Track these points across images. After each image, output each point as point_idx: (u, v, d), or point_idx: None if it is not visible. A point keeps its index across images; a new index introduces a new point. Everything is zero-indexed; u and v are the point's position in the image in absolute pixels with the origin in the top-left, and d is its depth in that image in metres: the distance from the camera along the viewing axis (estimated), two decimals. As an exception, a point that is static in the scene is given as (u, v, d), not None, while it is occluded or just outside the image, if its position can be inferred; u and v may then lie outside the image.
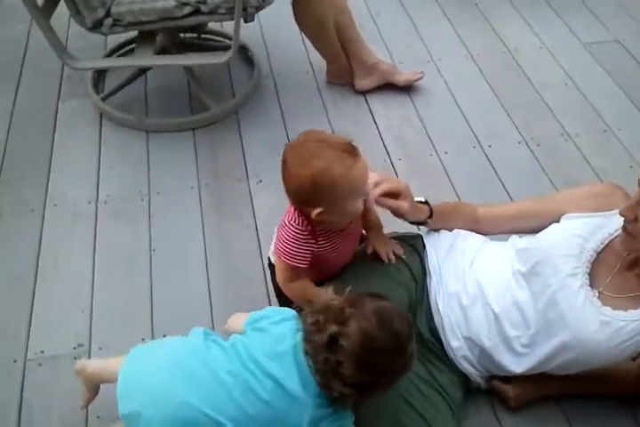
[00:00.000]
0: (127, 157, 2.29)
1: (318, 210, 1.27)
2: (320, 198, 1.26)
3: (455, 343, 1.50)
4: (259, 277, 1.93)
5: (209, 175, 2.24)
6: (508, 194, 2.20)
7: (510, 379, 1.57)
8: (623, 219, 1.34)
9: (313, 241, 1.34)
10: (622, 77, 2.68)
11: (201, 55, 2.29)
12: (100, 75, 2.53)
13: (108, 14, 2.07)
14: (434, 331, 1.51)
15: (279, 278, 1.42)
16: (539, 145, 2.41)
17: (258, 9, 2.10)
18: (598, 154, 2.38)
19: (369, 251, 1.48)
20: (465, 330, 1.48)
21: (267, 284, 1.90)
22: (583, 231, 1.45)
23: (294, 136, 1.36)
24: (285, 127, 2.42)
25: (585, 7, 3.02)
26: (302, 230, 1.33)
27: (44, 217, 2.09)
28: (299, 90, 2.57)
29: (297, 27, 2.61)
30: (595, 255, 1.43)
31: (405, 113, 2.52)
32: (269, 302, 1.86)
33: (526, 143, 2.41)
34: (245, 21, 2.11)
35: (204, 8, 2.06)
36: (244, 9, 2.04)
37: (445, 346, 1.51)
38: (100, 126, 2.40)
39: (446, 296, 1.51)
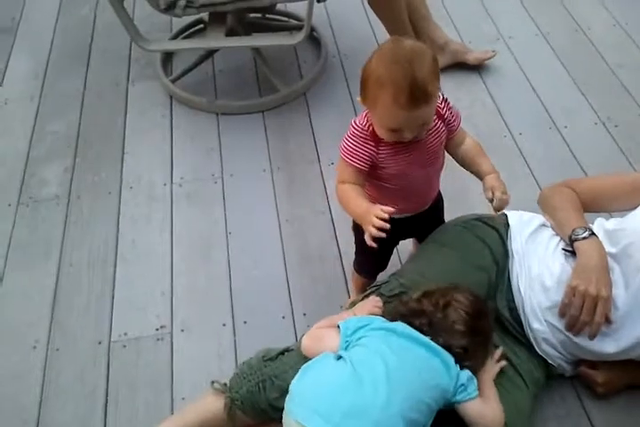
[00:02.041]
0: (198, 140, 2.28)
1: (365, 107, 1.27)
2: (364, 95, 1.25)
3: (536, 325, 1.45)
4: (335, 261, 1.92)
5: (280, 158, 2.22)
6: (586, 176, 2.12)
7: (598, 364, 1.52)
8: None
9: (372, 143, 1.31)
10: None
11: (272, 36, 2.26)
12: (168, 57, 2.52)
13: None
14: (513, 311, 1.47)
15: (337, 179, 1.38)
16: (616, 126, 2.32)
17: None
18: None
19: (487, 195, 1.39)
20: (548, 312, 1.43)
21: (343, 268, 1.89)
22: None
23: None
24: (354, 109, 2.37)
25: (662, -19, 2.89)
26: (364, 130, 1.30)
27: (120, 199, 2.10)
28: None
29: (362, 5, 2.57)
30: None
31: (476, 92, 2.45)
32: (346, 287, 1.85)
33: (603, 124, 2.32)
34: (318, 1, 2.07)
35: None
36: None
37: (525, 328, 1.47)
38: (171, 108, 2.39)
39: (528, 279, 1.46)
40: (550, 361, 1.51)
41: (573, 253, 1.44)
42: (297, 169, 2.19)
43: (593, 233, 1.44)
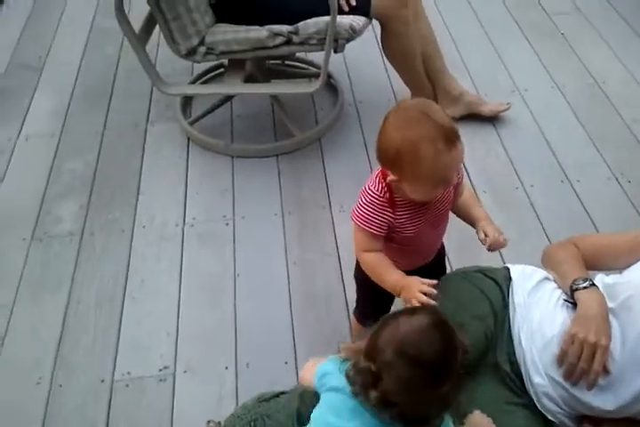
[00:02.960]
0: (213, 181, 2.32)
1: (393, 177, 1.24)
2: (398, 167, 1.21)
3: (537, 379, 1.41)
4: (341, 306, 1.92)
5: (292, 203, 2.25)
6: (597, 231, 2.12)
7: (602, 422, 1.43)
8: None
9: (390, 210, 1.29)
10: None
11: (289, 84, 2.32)
12: (187, 99, 2.59)
13: (201, 43, 2.12)
14: (514, 365, 1.43)
15: (355, 247, 1.36)
16: (629, 182, 2.32)
17: (348, 40, 2.11)
18: None
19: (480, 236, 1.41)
20: (549, 366, 1.39)
21: (348, 313, 1.89)
22: None
23: (376, 166, 1.33)
24: (368, 156, 2.41)
25: (676, 39, 2.94)
26: (380, 196, 1.29)
27: (132, 238, 2.13)
28: (381, 118, 2.50)
29: (379, 54, 2.63)
30: None
31: (490, 144, 2.48)
32: (350, 330, 1.84)
33: (616, 179, 2.33)
34: (335, 52, 2.13)
35: (295, 38, 2.08)
36: (335, 40, 2.06)
37: (526, 382, 1.43)
38: (188, 150, 2.44)
39: (530, 331, 1.43)
40: (551, 417, 1.45)
41: (575, 304, 1.43)
42: (308, 214, 2.21)
43: (593, 284, 1.43)
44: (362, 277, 1.48)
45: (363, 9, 2.11)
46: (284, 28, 2.08)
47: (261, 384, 1.61)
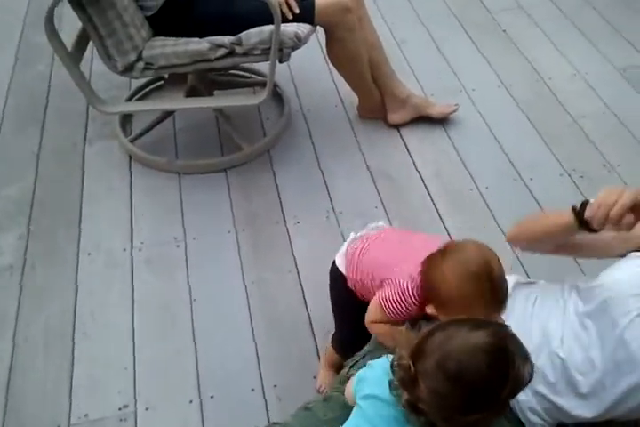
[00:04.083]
0: (159, 201, 2.22)
1: (433, 311, 1.26)
2: (444, 307, 1.24)
3: (522, 397, 1.40)
4: (304, 325, 1.86)
5: (245, 219, 2.16)
6: None
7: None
8: None
9: (418, 311, 1.32)
10: None
11: (234, 96, 2.23)
12: (126, 116, 2.47)
13: (139, 58, 2.01)
14: None
15: (368, 315, 1.38)
16: (582, 177, 2.32)
17: (294, 49, 2.05)
18: None
19: None
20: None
21: (313, 332, 1.84)
22: None
23: (329, 174, 1.28)
24: (319, 165, 2.35)
25: (616, 32, 2.96)
26: (415, 301, 1.31)
27: (77, 268, 2.01)
28: (330, 125, 2.50)
29: (324, 61, 2.57)
30: None
31: (441, 146, 2.45)
32: (317, 353, 1.79)
33: (569, 175, 2.33)
34: (280, 62, 2.06)
35: (238, 49, 2.00)
36: (280, 49, 1.99)
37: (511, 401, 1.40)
38: (130, 169, 2.33)
39: None
40: None
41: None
42: (262, 229, 2.13)
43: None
44: (342, 301, 1.49)
45: (307, 16, 2.05)
46: (226, 39, 2.00)
47: (229, 415, 1.55)
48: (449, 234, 2.11)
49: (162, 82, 2.47)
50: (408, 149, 2.43)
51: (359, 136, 2.46)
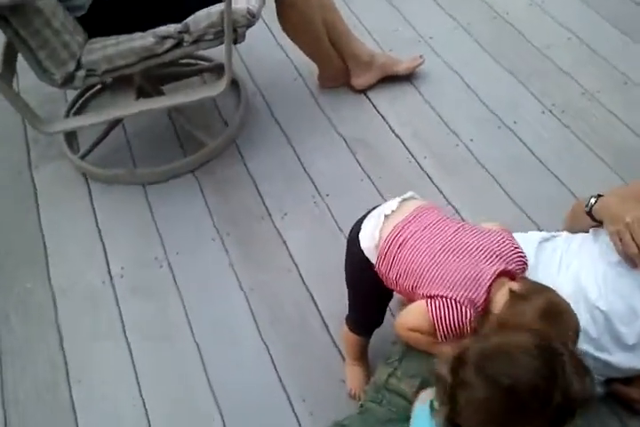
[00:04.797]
0: (128, 219, 2.00)
1: None
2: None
3: None
4: (317, 323, 1.72)
5: (226, 221, 1.97)
6: (550, 172, 2.01)
7: (631, 380, 1.42)
8: None
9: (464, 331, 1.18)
10: (622, 21, 2.46)
11: (189, 91, 1.98)
12: (71, 131, 2.21)
13: (79, 66, 1.78)
14: None
15: (405, 320, 1.24)
16: (563, 111, 2.20)
17: (248, 27, 1.83)
18: (627, 108, 2.19)
19: None
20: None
21: (329, 331, 1.69)
22: None
23: (305, 156, 1.10)
24: (292, 146, 2.16)
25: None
26: (471, 323, 1.17)
27: (56, 310, 1.81)
28: (293, 102, 2.30)
29: (271, 34, 2.36)
30: None
31: (414, 104, 2.27)
32: (339, 352, 1.65)
33: (550, 112, 2.20)
34: (235, 43, 1.84)
35: (187, 38, 1.78)
36: (234, 30, 1.77)
37: None
38: (88, 189, 2.10)
39: None
40: None
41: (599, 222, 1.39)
42: (248, 229, 1.94)
43: (600, 195, 1.42)
44: (362, 286, 1.38)
45: None
46: (172, 28, 1.77)
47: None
48: (449, 202, 1.97)
49: (99, 86, 2.24)
50: (380, 113, 2.25)
51: (326, 108, 2.27)
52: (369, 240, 1.30)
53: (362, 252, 1.31)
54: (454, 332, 1.17)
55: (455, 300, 1.15)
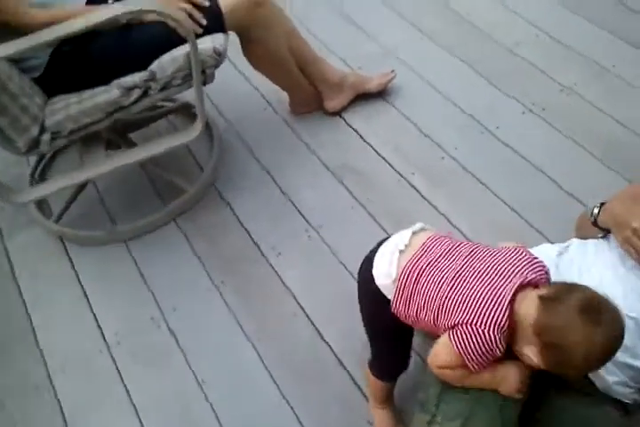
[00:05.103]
0: (116, 281, 1.88)
1: (533, 355, 1.05)
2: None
3: (608, 377, 1.29)
4: (337, 369, 1.61)
5: (219, 268, 1.86)
6: (541, 172, 1.96)
7: None
8: None
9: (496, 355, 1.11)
10: (587, 11, 2.43)
11: (162, 139, 1.86)
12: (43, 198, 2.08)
13: (43, 129, 1.66)
14: None
15: (435, 359, 1.17)
16: (544, 109, 2.15)
17: (216, 66, 1.75)
18: (607, 98, 2.16)
19: None
20: None
21: (349, 373, 1.60)
22: None
23: (289, 189, 1.02)
24: (274, 180, 2.06)
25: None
26: (501, 348, 1.09)
27: (55, 391, 1.67)
28: (267, 133, 2.21)
29: (232, 66, 2.29)
30: None
31: (392, 120, 2.20)
32: (362, 393, 1.56)
33: (531, 111, 2.16)
34: (205, 84, 1.76)
35: (154, 86, 1.69)
36: (202, 71, 1.68)
37: (595, 381, 1.31)
38: (68, 254, 1.96)
39: None
40: (626, 400, 1.32)
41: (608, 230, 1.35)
42: (243, 275, 1.84)
43: (603, 203, 1.39)
44: (384, 328, 1.30)
45: (216, 25, 1.74)
46: (137, 77, 1.68)
47: None
48: (446, 218, 1.89)
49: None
50: (359, 134, 2.17)
51: (303, 135, 2.18)
52: (385, 277, 1.22)
53: (378, 289, 1.23)
54: (484, 359, 1.09)
55: (476, 325, 1.07)
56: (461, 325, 1.09)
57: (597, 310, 1.02)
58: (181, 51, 1.67)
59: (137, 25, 1.71)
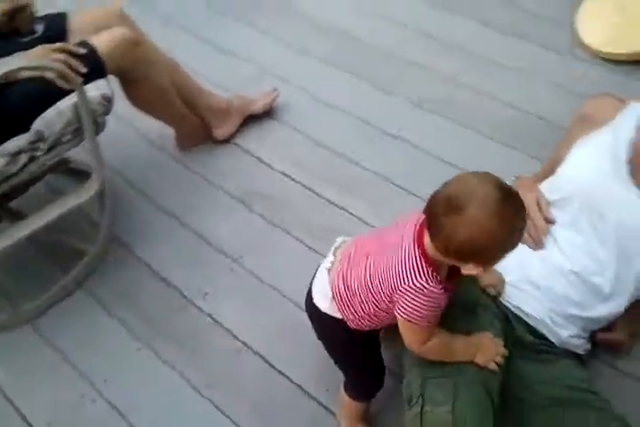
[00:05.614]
0: (32, 366, 1.64)
1: (473, 268, 1.03)
2: (486, 258, 1.05)
3: (562, 331, 1.38)
4: (294, 392, 1.53)
5: (145, 326, 1.69)
6: (452, 165, 1.93)
7: (610, 327, 1.47)
8: None
9: (444, 296, 1.12)
10: (452, 5, 2.52)
11: (53, 205, 1.66)
12: None
13: None
14: (535, 332, 1.38)
15: (414, 344, 1.18)
16: (434, 102, 2.18)
17: (106, 114, 1.63)
18: (490, 82, 2.21)
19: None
20: (559, 309, 1.37)
21: (307, 392, 1.52)
22: (604, 152, 1.38)
23: (200, 227, 0.98)
24: (179, 221, 1.93)
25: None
26: (439, 288, 1.09)
27: None
28: (160, 175, 2.07)
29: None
30: (628, 166, 1.35)
31: (285, 137, 2.13)
32: (327, 409, 1.50)
33: (422, 106, 2.17)
34: (97, 134, 1.64)
35: (42, 146, 1.54)
36: (94, 121, 1.57)
37: (552, 338, 1.38)
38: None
39: (523, 292, 1.38)
40: (580, 351, 1.42)
41: None
42: (172, 325, 1.68)
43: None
44: (350, 347, 1.29)
45: (97, 71, 1.61)
46: (22, 140, 1.53)
47: None
48: (363, 221, 1.86)
49: None
50: (256, 157, 2.09)
51: (199, 170, 2.06)
52: (324, 299, 1.23)
53: (326, 314, 1.23)
54: (435, 305, 1.10)
55: (402, 285, 1.08)
56: (395, 294, 1.10)
57: (457, 200, 1.01)
58: (65, 103, 1.54)
59: (12, 84, 1.55)
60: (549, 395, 1.29)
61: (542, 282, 1.36)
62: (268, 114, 2.17)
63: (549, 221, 1.40)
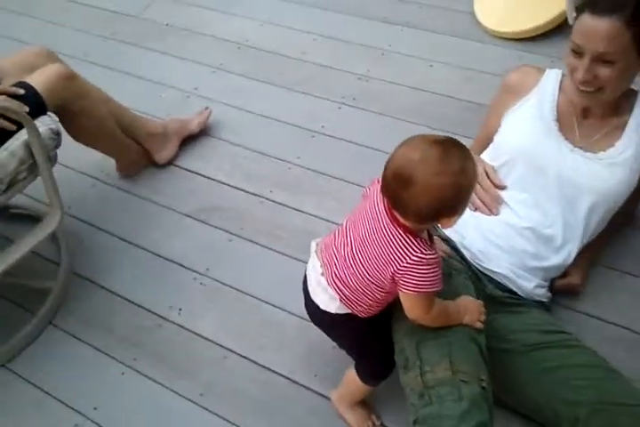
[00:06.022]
0: (17, 408, 1.60)
1: (448, 221, 1.10)
2: (455, 209, 1.10)
3: (526, 284, 1.48)
4: (289, 387, 1.56)
5: (124, 348, 1.68)
6: (381, 151, 2.01)
7: (565, 274, 1.58)
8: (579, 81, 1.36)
9: (438, 255, 1.16)
10: (343, 7, 2.68)
11: (12, 247, 1.63)
12: None
13: None
14: (503, 288, 1.47)
15: (419, 315, 1.21)
16: (354, 99, 2.30)
17: (57, 147, 1.64)
18: (397, 73, 2.35)
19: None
20: (521, 264, 1.47)
21: (300, 384, 1.56)
22: (535, 115, 1.49)
23: (155, 248, 1.23)
24: (138, 246, 1.92)
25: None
26: (433, 251, 1.14)
27: None
28: (107, 206, 2.05)
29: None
30: (557, 124, 1.48)
31: (227, 151, 2.18)
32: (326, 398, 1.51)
33: (345, 104, 2.28)
34: (51, 167, 1.64)
35: (0, 187, 1.53)
36: (47, 157, 1.57)
37: (519, 291, 1.48)
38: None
39: (489, 255, 1.47)
40: (544, 299, 1.52)
41: None
42: (154, 343, 1.67)
43: None
44: (361, 334, 1.32)
45: (38, 107, 1.61)
46: None
47: None
48: (320, 218, 1.93)
49: None
50: (201, 174, 2.12)
51: (147, 195, 2.06)
52: (332, 302, 1.26)
53: (337, 315, 1.26)
54: (437, 273, 1.14)
55: (404, 266, 1.11)
56: (396, 274, 1.13)
57: (402, 173, 1.06)
58: (15, 143, 1.53)
59: None
60: (527, 342, 1.36)
61: (502, 242, 1.46)
62: (204, 132, 2.22)
63: (500, 187, 1.50)
